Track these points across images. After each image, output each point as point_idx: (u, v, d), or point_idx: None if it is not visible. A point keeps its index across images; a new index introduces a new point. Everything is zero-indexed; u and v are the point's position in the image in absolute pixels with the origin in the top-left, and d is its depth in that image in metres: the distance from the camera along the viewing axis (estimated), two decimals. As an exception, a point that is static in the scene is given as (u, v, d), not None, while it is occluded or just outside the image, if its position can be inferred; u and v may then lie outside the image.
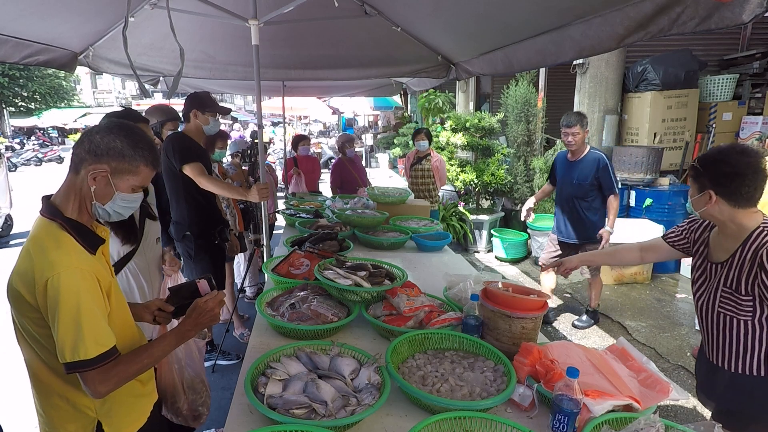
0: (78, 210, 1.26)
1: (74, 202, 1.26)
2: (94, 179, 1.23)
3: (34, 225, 1.25)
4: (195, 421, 1.72)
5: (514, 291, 1.75)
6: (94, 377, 1.16)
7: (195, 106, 2.85)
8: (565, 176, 3.74)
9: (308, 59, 4.31)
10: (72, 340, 1.13)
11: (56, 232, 1.21)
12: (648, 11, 1.81)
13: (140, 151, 1.27)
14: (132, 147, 1.26)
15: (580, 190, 3.64)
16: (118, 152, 1.24)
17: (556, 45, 2.44)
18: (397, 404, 1.39)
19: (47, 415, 1.31)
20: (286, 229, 3.69)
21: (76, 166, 1.25)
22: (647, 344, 3.73)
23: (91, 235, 1.28)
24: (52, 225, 1.22)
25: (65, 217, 1.24)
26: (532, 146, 6.71)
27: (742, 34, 6.28)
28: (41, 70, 24.23)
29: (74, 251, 1.21)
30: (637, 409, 1.32)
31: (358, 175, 5.26)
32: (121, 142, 1.24)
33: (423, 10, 3.12)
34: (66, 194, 1.26)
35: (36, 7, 2.54)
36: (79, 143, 1.26)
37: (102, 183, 1.25)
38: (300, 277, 2.23)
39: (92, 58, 3.50)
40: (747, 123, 5.64)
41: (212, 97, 2.99)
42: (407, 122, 14.48)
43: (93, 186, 1.24)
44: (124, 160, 1.25)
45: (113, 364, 1.19)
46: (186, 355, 1.72)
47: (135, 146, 1.26)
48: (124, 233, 2.04)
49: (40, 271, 1.14)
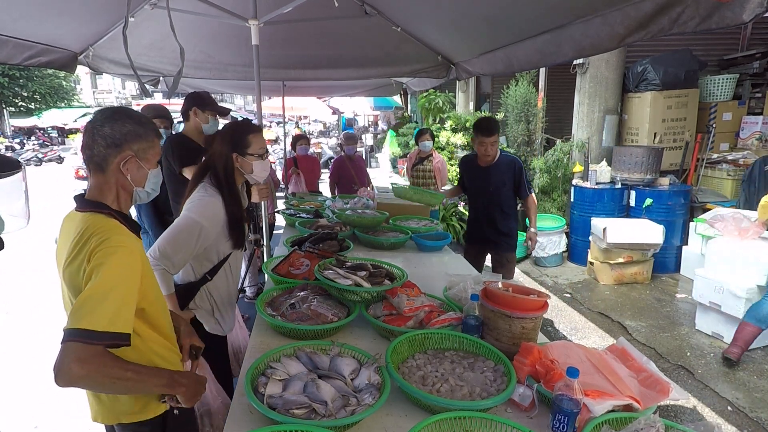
0: (117, 202, 1.31)
1: (111, 195, 1.30)
2: (127, 168, 1.28)
3: (76, 221, 1.25)
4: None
5: (514, 291, 1.75)
6: (78, 350, 1.06)
7: (195, 103, 2.85)
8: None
9: (308, 59, 4.31)
10: (90, 309, 1.09)
11: (107, 220, 1.25)
12: (648, 11, 1.81)
13: (148, 124, 1.34)
14: (140, 124, 1.31)
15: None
16: (133, 134, 1.29)
17: (556, 45, 2.44)
18: (397, 404, 1.39)
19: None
20: (286, 229, 3.69)
21: (100, 166, 1.28)
22: (647, 344, 3.73)
23: (134, 223, 1.34)
24: (99, 216, 1.25)
25: (110, 208, 1.28)
26: (532, 146, 6.71)
27: (742, 34, 6.28)
28: (41, 70, 24.22)
29: (128, 235, 1.25)
30: (637, 409, 1.31)
31: (357, 175, 5.27)
32: (129, 125, 1.29)
33: (423, 10, 3.12)
34: (101, 192, 1.29)
35: (37, 8, 2.54)
36: (90, 144, 1.27)
37: (134, 168, 1.30)
38: (300, 277, 2.22)
39: (92, 58, 3.50)
40: (747, 123, 5.65)
41: (212, 97, 2.99)
42: (407, 122, 14.47)
43: (128, 174, 1.29)
44: (141, 138, 1.31)
45: (105, 351, 1.11)
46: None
47: (142, 123, 1.32)
48: (236, 238, 1.95)
49: (93, 232, 1.18)
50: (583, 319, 4.26)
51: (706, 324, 3.83)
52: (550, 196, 6.16)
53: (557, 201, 6.10)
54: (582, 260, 5.45)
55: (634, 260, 4.89)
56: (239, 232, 1.95)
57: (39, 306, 4.67)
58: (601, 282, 5.01)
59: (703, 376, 3.28)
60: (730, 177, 5.34)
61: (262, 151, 1.97)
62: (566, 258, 5.80)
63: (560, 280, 5.22)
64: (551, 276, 5.35)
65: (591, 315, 4.34)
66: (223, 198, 1.89)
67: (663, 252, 5.00)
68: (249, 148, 1.95)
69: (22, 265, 5.94)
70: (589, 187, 5.38)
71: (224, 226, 1.88)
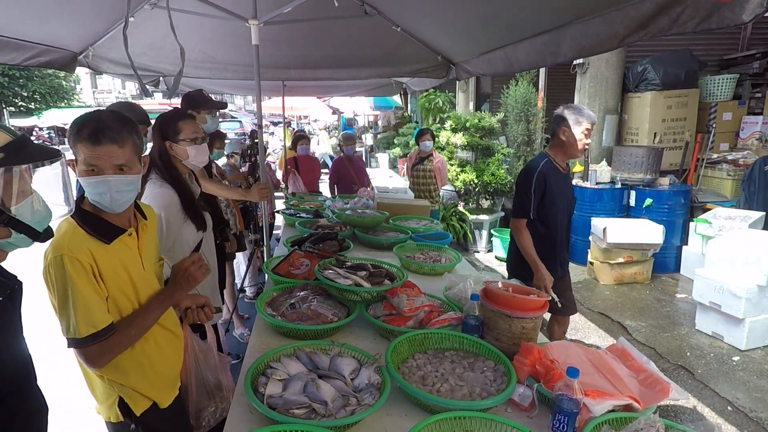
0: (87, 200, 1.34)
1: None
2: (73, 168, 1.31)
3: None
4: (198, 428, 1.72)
5: (514, 291, 1.75)
6: (89, 352, 1.27)
7: (190, 106, 2.85)
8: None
9: (308, 59, 4.31)
10: (67, 320, 1.25)
11: (64, 222, 1.30)
12: (648, 11, 1.81)
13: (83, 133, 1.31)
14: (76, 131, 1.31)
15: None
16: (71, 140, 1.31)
17: (556, 45, 2.43)
18: (397, 404, 1.39)
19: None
20: (286, 229, 3.69)
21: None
22: (647, 344, 3.73)
23: (106, 226, 1.35)
24: (62, 222, 1.31)
25: (79, 209, 1.32)
26: (532, 146, 6.71)
27: (742, 34, 6.28)
28: (41, 70, 24.16)
29: (74, 237, 1.28)
30: (637, 409, 1.31)
31: (356, 175, 5.27)
32: (72, 129, 1.29)
33: (423, 10, 3.12)
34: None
35: (37, 8, 2.54)
36: None
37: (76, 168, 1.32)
38: (300, 277, 2.23)
39: (92, 58, 3.50)
40: (747, 123, 5.65)
41: (205, 94, 2.98)
42: (407, 122, 14.46)
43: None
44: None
45: (106, 340, 1.27)
46: (203, 360, 1.74)
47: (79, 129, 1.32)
48: (198, 222, 2.07)
49: (45, 255, 1.26)
50: (583, 319, 4.26)
51: (706, 324, 3.83)
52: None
53: (557, 201, 6.09)
54: (582, 260, 5.45)
55: (634, 260, 4.89)
56: (196, 213, 2.03)
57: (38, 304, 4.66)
58: (601, 282, 5.01)
59: (703, 376, 3.28)
60: (730, 177, 5.34)
61: (195, 135, 2.01)
62: (566, 258, 5.80)
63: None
64: (551, 276, 5.35)
65: (591, 315, 4.34)
66: (172, 186, 1.96)
67: (663, 252, 5.00)
68: (180, 134, 2.00)
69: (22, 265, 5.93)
70: (589, 187, 5.38)
71: (181, 211, 1.96)
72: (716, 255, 3.74)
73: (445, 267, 2.57)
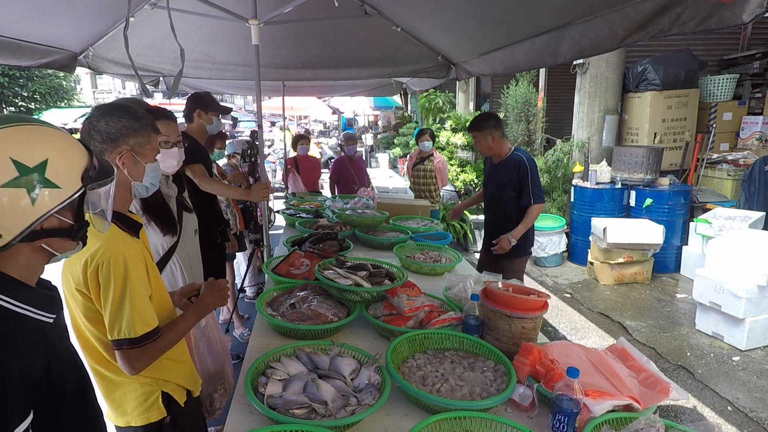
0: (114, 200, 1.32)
1: None
2: (123, 163, 1.30)
3: None
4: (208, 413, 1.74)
5: (514, 291, 1.75)
6: (134, 354, 1.24)
7: (198, 106, 2.85)
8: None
9: (308, 59, 4.31)
10: (121, 319, 1.22)
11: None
12: (648, 11, 1.81)
13: (144, 119, 1.34)
14: (136, 119, 1.32)
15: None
16: (129, 128, 1.30)
17: (555, 45, 2.43)
18: (398, 404, 1.39)
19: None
20: (286, 229, 3.69)
21: None
22: (647, 344, 3.73)
23: (130, 221, 1.35)
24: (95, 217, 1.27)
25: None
26: (532, 146, 6.72)
27: (742, 34, 6.28)
28: (41, 70, 24.12)
29: (121, 237, 1.28)
30: (637, 409, 1.32)
31: (357, 175, 5.27)
32: (125, 120, 1.29)
33: (423, 10, 3.12)
34: None
35: (38, 9, 2.54)
36: (86, 140, 1.27)
37: (130, 162, 1.32)
38: (300, 277, 2.23)
39: (92, 58, 3.50)
40: (747, 123, 5.65)
41: (214, 97, 3.00)
42: (407, 122, 14.46)
43: (125, 169, 1.30)
44: (137, 133, 1.32)
45: (153, 342, 1.26)
46: (207, 347, 1.75)
47: (137, 117, 1.33)
48: (162, 224, 1.99)
49: (92, 257, 1.21)
50: (583, 319, 4.26)
51: (706, 324, 3.83)
52: (550, 196, 6.16)
53: (557, 201, 6.11)
54: (582, 260, 5.45)
55: (634, 260, 4.89)
56: (160, 215, 1.97)
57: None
58: (601, 282, 5.01)
59: (703, 376, 3.28)
60: (730, 177, 5.34)
61: (165, 139, 1.87)
62: (566, 258, 5.81)
63: (560, 280, 5.22)
64: (551, 276, 5.35)
65: (591, 315, 4.34)
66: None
67: (663, 252, 5.00)
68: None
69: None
70: (589, 187, 5.38)
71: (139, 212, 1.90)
72: (716, 255, 3.74)
73: (445, 267, 2.57)
